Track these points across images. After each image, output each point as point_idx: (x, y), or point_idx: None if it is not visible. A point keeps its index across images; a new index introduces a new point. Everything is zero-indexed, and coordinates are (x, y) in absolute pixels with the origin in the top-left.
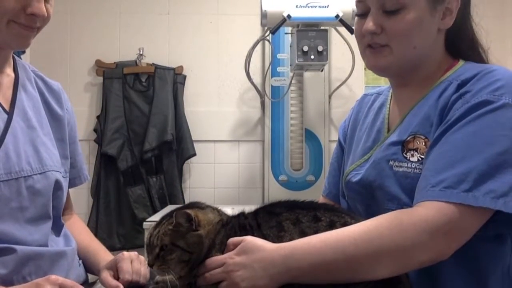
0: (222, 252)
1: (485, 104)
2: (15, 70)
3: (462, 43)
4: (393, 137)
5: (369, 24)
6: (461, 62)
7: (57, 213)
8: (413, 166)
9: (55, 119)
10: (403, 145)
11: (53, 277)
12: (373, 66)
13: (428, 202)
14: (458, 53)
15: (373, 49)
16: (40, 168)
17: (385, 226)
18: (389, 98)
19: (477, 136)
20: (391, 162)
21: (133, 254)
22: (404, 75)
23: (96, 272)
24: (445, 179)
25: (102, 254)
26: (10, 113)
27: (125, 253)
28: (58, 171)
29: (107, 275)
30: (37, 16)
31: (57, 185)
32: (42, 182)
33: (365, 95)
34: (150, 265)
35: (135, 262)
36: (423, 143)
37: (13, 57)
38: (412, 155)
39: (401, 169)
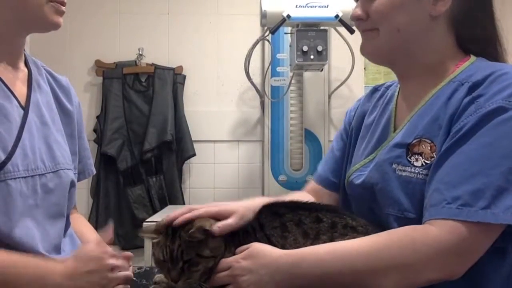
0: (231, 253)
1: (499, 111)
2: (26, 65)
3: (477, 41)
4: (398, 138)
5: (356, 10)
6: (472, 59)
7: (68, 211)
8: (416, 171)
9: (66, 115)
10: (408, 148)
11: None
12: (362, 50)
13: (442, 220)
14: (470, 50)
15: (363, 34)
16: (53, 167)
17: (396, 244)
18: (397, 93)
19: (492, 148)
20: (394, 165)
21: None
22: (396, 62)
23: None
24: (461, 196)
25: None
26: (26, 109)
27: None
28: (70, 169)
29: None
30: None
31: (71, 183)
32: (55, 181)
33: (374, 89)
34: (175, 281)
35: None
36: (429, 148)
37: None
38: (417, 160)
39: (404, 173)
